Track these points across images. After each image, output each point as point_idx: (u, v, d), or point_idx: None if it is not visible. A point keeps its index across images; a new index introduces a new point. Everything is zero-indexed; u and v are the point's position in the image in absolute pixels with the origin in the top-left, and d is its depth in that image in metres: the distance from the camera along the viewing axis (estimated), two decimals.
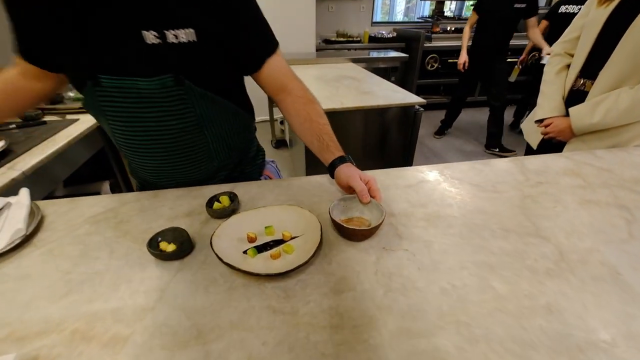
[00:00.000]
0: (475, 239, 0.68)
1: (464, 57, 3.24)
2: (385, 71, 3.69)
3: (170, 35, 0.65)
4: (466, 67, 3.25)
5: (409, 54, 3.76)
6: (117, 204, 0.76)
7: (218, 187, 0.84)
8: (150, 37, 0.65)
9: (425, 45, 4.01)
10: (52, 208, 0.75)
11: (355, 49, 4.00)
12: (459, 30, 4.58)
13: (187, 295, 0.53)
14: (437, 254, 0.63)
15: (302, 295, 0.54)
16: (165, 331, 0.47)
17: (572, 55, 1.28)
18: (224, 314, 0.50)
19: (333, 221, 0.65)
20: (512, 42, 4.25)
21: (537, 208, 0.78)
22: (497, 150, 3.32)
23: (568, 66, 1.29)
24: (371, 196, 0.71)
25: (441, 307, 0.53)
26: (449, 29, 4.69)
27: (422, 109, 1.85)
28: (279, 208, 0.71)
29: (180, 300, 0.52)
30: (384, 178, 0.89)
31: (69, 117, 1.35)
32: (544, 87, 1.36)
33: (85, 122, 1.32)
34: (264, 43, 0.78)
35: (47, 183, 1.13)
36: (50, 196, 1.16)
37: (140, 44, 0.65)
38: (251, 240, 0.64)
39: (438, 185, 0.86)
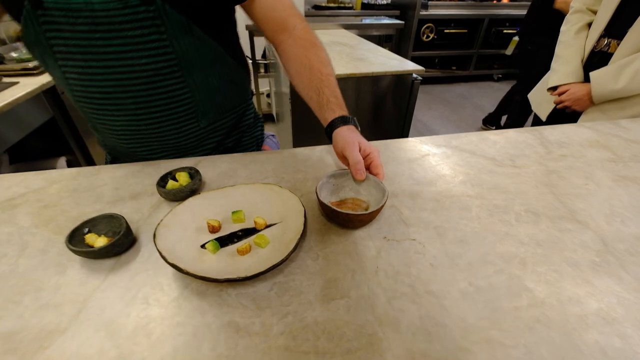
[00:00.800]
0: (497, 224, 0.54)
1: None
2: (378, 40, 3.46)
3: None
4: None
5: (403, 22, 3.54)
6: (44, 184, 0.60)
7: (180, 162, 0.68)
8: None
9: (421, 13, 3.77)
10: None
11: (347, 16, 3.74)
12: None
13: (117, 310, 0.38)
14: (452, 245, 0.49)
15: (278, 305, 0.40)
16: None
17: (594, 12, 1.11)
18: (166, 336, 0.36)
19: (321, 204, 0.51)
20: (510, 11, 4.07)
21: (565, 186, 0.64)
22: (494, 128, 3.18)
23: (589, 25, 1.14)
24: (372, 173, 0.56)
25: (465, 318, 0.39)
26: None
27: (420, 79, 1.69)
28: (252, 188, 0.55)
29: (105, 317, 0.37)
30: (383, 150, 0.74)
31: (6, 80, 1.15)
32: (560, 49, 1.21)
33: (27, 85, 1.11)
34: None
35: None
36: None
37: None
38: (213, 229, 0.49)
39: (446, 159, 0.72)
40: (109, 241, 0.44)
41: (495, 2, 4.14)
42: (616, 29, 1.04)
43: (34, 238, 0.48)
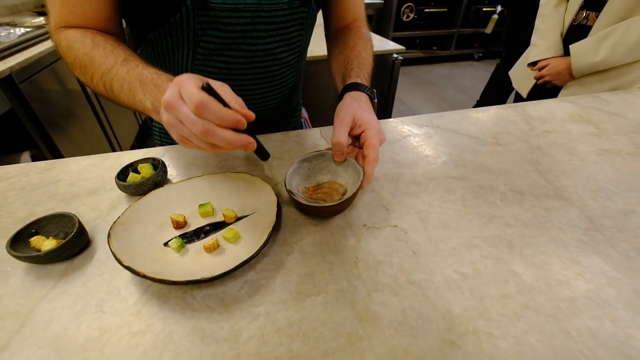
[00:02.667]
0: (482, 205, 0.51)
1: None
2: None
3: None
4: None
5: (383, 2, 3.46)
6: None
7: (145, 152, 0.63)
8: None
9: None
10: None
11: None
12: None
13: (66, 321, 0.34)
14: (436, 230, 0.47)
15: (248, 306, 0.36)
16: None
17: None
18: (121, 349, 0.32)
19: (290, 196, 0.47)
20: None
21: (550, 162, 0.62)
22: None
23: None
24: (363, 155, 0.49)
25: (450, 309, 0.37)
26: None
27: (400, 58, 1.65)
28: (221, 177, 0.51)
29: (53, 331, 0.33)
30: None
31: None
32: (539, 22, 1.18)
33: None
34: None
35: None
36: None
37: None
38: (178, 225, 0.45)
39: (428, 139, 0.69)
40: (58, 243, 0.39)
41: None
42: (594, 1, 1.01)
43: None
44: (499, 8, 4.03)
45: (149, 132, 2.68)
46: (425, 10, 3.94)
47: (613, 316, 0.36)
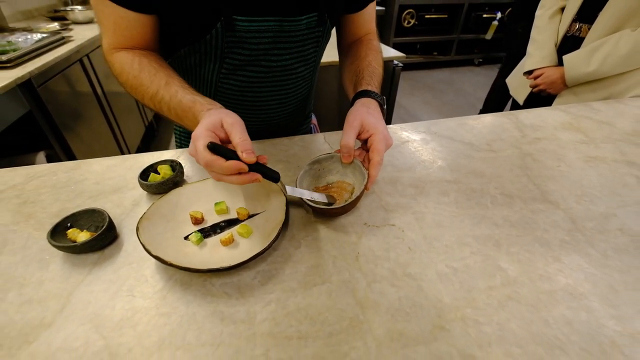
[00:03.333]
0: (474, 207, 0.56)
1: None
2: None
3: None
4: None
5: (384, 8, 3.52)
6: (22, 179, 0.59)
7: (160, 155, 0.68)
8: None
9: None
10: None
11: None
12: None
13: (102, 303, 0.39)
14: (430, 229, 0.51)
15: (261, 293, 0.41)
16: (63, 357, 0.33)
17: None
18: (152, 327, 0.36)
19: (301, 199, 0.51)
20: None
21: (539, 168, 0.67)
22: None
23: (562, 10, 1.16)
24: (369, 157, 0.53)
25: (441, 298, 0.41)
26: None
27: (401, 65, 1.69)
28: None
29: (91, 310, 0.38)
30: None
31: None
32: (534, 33, 1.23)
33: (2, 79, 1.07)
34: None
35: None
36: None
37: None
38: (196, 221, 0.49)
39: (425, 145, 0.73)
40: (91, 236, 0.44)
41: None
42: (586, 14, 1.06)
43: (14, 235, 0.48)
44: (499, 14, 4.09)
45: (154, 134, 2.73)
46: (426, 16, 4.00)
47: (588, 307, 0.41)
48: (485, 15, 4.12)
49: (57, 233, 0.45)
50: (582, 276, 0.45)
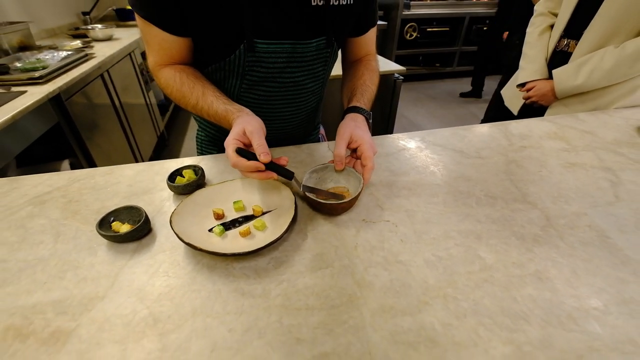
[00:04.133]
0: (460, 206, 0.64)
1: None
2: None
3: None
4: None
5: (387, 23, 3.64)
6: (66, 182, 0.68)
7: (182, 161, 0.77)
8: None
9: (403, 13, 3.88)
10: None
11: None
12: None
13: (143, 281, 0.47)
14: (420, 224, 0.59)
15: (275, 275, 0.49)
16: (116, 322, 0.41)
17: (556, 15, 1.22)
18: (186, 299, 0.44)
19: (307, 198, 0.60)
20: (490, 10, 4.19)
21: (522, 173, 0.74)
22: None
23: (552, 27, 1.24)
24: (362, 164, 0.62)
25: (426, 280, 0.48)
26: None
27: (401, 78, 1.79)
28: (249, 181, 0.64)
29: (135, 286, 0.46)
30: None
31: (15, 89, 1.21)
32: (526, 48, 1.31)
33: (34, 94, 1.18)
34: (374, 14, 0.82)
35: None
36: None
37: (306, 6, 0.66)
38: (218, 217, 0.57)
39: (420, 153, 0.81)
40: (131, 227, 0.52)
41: (475, 0, 4.27)
42: (573, 30, 1.15)
43: (65, 228, 0.56)
44: None
45: (165, 144, 2.85)
46: (428, 29, 4.12)
47: (552, 288, 0.48)
48: (486, 28, 4.23)
49: (103, 225, 0.53)
50: (550, 264, 0.52)
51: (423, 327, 0.42)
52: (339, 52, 0.86)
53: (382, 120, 1.90)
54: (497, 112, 2.75)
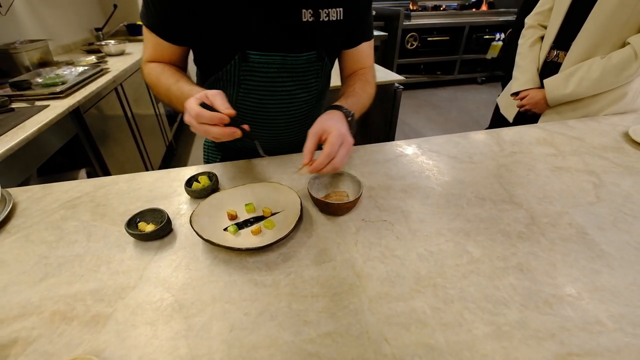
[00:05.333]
0: (452, 207, 0.69)
1: None
2: None
3: (323, 14, 0.73)
4: None
5: (388, 33, 3.73)
6: (92, 188, 0.75)
7: (196, 169, 0.83)
8: (307, 14, 0.71)
9: (404, 23, 3.97)
10: (25, 195, 0.73)
11: None
12: (438, 8, 4.56)
13: (168, 273, 0.53)
14: (415, 223, 0.65)
15: (284, 267, 0.55)
16: (146, 307, 0.48)
17: (545, 27, 1.29)
18: (206, 289, 0.51)
19: (314, 199, 0.66)
20: (489, 18, 4.27)
21: (511, 176, 0.80)
22: None
23: (542, 38, 1.31)
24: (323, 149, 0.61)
25: (419, 272, 0.54)
26: (427, 5, 4.66)
27: (402, 87, 1.86)
28: (259, 185, 0.71)
29: (161, 278, 0.53)
30: (363, 153, 0.90)
31: (38, 103, 1.30)
32: (518, 59, 1.38)
33: (56, 108, 1.27)
34: (368, 29, 0.86)
35: (18, 172, 1.09)
36: (24, 186, 1.12)
37: (297, 21, 0.71)
38: (232, 217, 0.64)
39: (416, 159, 0.88)
40: (156, 227, 0.59)
41: (474, 10, 4.36)
42: (562, 42, 1.21)
43: (96, 228, 0.63)
44: (502, 35, 4.26)
45: (173, 154, 2.93)
46: (429, 38, 4.21)
47: (531, 278, 0.53)
48: (486, 37, 4.31)
49: (130, 225, 0.60)
50: (531, 257, 0.57)
51: (414, 311, 0.48)
52: (336, 65, 0.92)
53: (383, 128, 1.96)
54: (496, 120, 2.82)
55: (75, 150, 1.44)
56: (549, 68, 1.28)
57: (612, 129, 1.05)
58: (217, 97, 0.57)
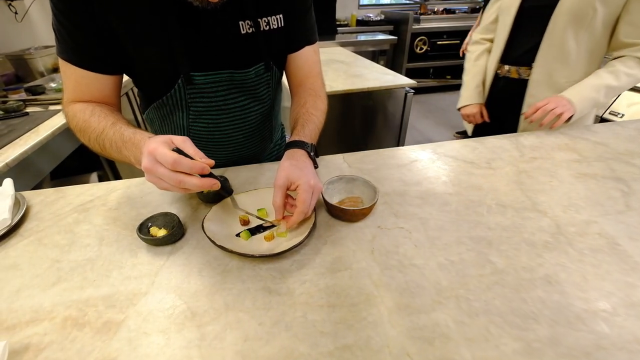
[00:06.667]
0: (471, 215, 0.67)
1: None
2: (373, 55, 3.65)
3: (263, 23, 0.69)
4: None
5: (397, 37, 3.71)
6: (104, 192, 0.74)
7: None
8: (246, 26, 0.68)
9: (413, 27, 3.95)
10: (38, 198, 0.73)
11: (343, 33, 3.92)
12: (448, 11, 4.53)
13: (180, 279, 0.52)
14: (433, 231, 0.62)
15: (298, 275, 0.53)
16: (159, 315, 0.46)
17: (489, 40, 1.30)
18: (219, 296, 0.49)
19: (328, 205, 0.64)
20: None
21: (532, 183, 0.77)
22: None
23: (488, 51, 1.32)
24: (297, 205, 0.58)
25: (439, 282, 0.52)
26: (436, 9, 4.62)
27: (412, 91, 1.83)
28: (271, 190, 0.69)
29: (173, 284, 0.51)
30: (375, 158, 0.88)
31: (51, 107, 1.31)
32: (463, 75, 1.40)
33: None
34: (310, 31, 0.81)
35: (32, 175, 1.09)
36: (37, 189, 1.13)
37: (236, 35, 0.67)
38: (244, 223, 0.62)
39: (431, 164, 0.85)
40: (167, 232, 0.58)
41: None
42: (510, 58, 1.21)
43: (107, 232, 0.62)
44: None
45: None
46: (438, 42, 4.17)
47: (560, 291, 0.50)
48: None
49: (142, 230, 0.58)
50: (559, 269, 0.54)
51: (437, 324, 0.45)
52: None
53: (394, 133, 1.94)
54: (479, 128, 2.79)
55: (87, 154, 1.45)
56: (502, 83, 1.28)
57: (637, 133, 1.01)
58: (187, 143, 0.50)
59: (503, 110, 1.30)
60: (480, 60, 1.32)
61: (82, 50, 0.61)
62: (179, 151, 0.48)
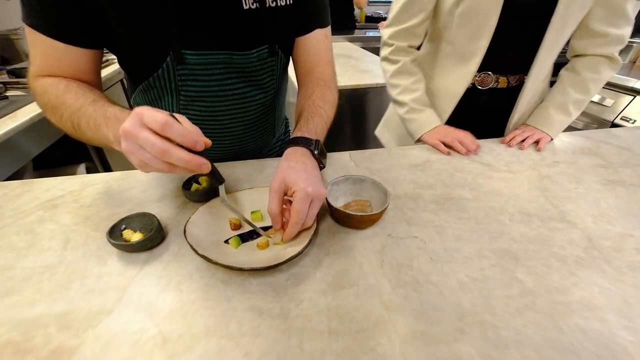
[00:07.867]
0: (492, 223, 0.59)
1: None
2: None
3: None
4: None
5: None
6: (79, 187, 0.66)
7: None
8: (249, 1, 0.59)
9: None
10: (1, 192, 0.65)
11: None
12: None
13: (153, 295, 0.44)
14: (451, 241, 0.54)
15: (294, 293, 0.45)
16: (122, 340, 0.38)
17: (417, 48, 0.98)
18: (198, 317, 0.41)
19: (332, 209, 0.56)
20: None
21: (557, 189, 0.69)
22: None
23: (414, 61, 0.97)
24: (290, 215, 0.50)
25: (461, 304, 0.44)
26: None
27: None
28: (266, 190, 0.61)
29: (145, 301, 0.43)
30: (386, 157, 0.80)
31: None
32: (399, 96, 0.98)
33: None
34: (323, 12, 0.72)
35: (9, 163, 1.01)
36: (16, 178, 1.04)
37: (237, 10, 0.59)
38: (235, 227, 0.54)
39: (446, 165, 0.77)
40: (143, 236, 0.49)
41: None
42: (498, 65, 0.92)
43: (75, 234, 0.54)
44: None
45: None
46: None
47: (601, 318, 0.43)
48: None
49: (113, 233, 0.50)
50: (596, 290, 0.47)
51: (460, 359, 0.37)
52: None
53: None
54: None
55: (75, 143, 1.36)
56: (487, 95, 0.97)
57: None
58: (184, 118, 0.42)
59: (480, 124, 0.99)
60: (419, 75, 0.97)
61: (52, 17, 0.51)
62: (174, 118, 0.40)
